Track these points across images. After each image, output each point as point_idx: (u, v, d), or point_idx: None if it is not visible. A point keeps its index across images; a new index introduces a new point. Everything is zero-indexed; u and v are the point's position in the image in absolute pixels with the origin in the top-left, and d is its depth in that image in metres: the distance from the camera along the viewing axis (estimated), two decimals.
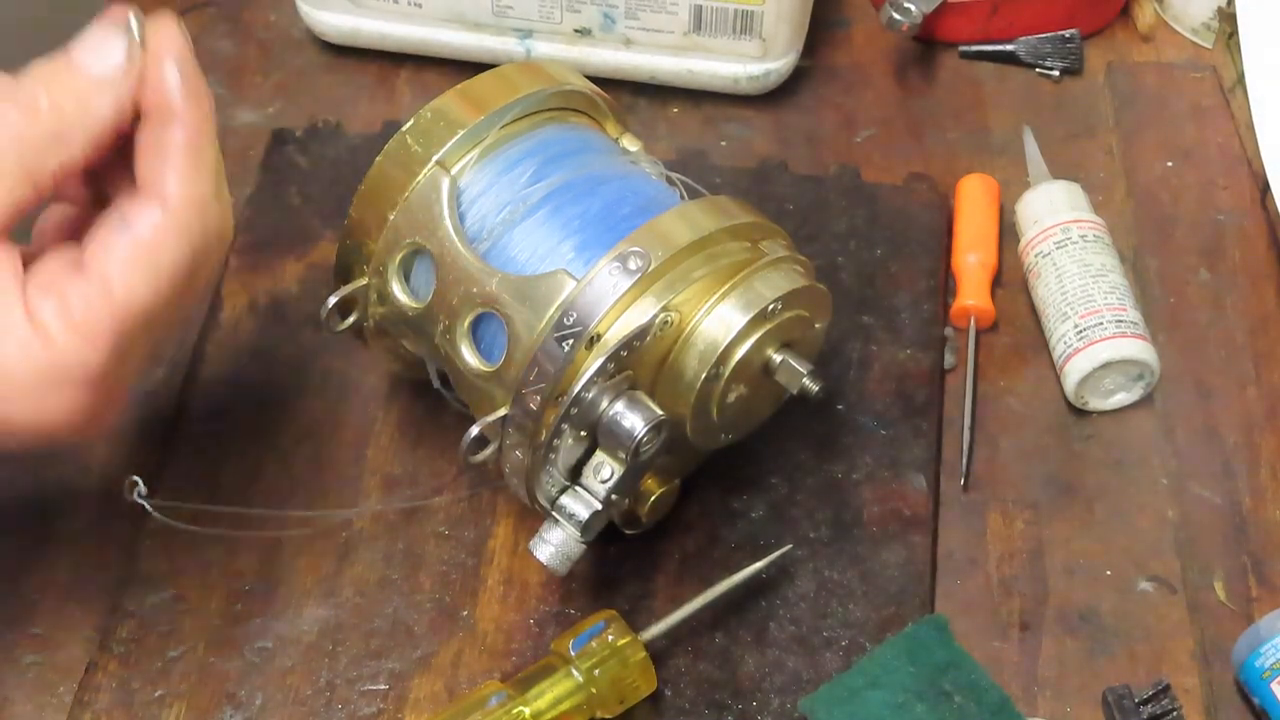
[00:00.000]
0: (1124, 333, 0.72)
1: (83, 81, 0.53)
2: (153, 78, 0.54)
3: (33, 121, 0.52)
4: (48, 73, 0.53)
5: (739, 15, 0.80)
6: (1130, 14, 0.89)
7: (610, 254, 0.58)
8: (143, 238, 0.53)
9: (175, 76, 0.54)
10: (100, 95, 0.53)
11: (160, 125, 0.54)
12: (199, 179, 0.54)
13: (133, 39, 0.54)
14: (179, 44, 0.54)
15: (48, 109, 0.52)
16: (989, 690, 0.63)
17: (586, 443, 0.60)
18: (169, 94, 0.54)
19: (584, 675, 0.61)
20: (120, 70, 0.53)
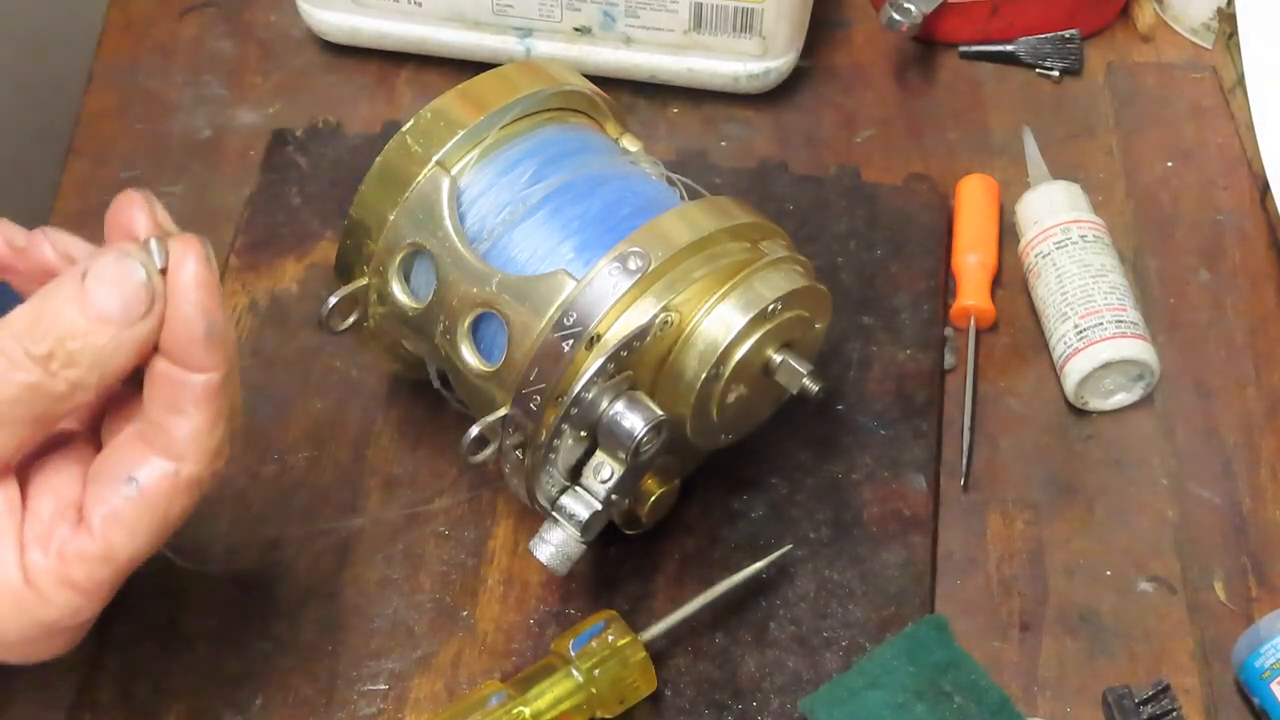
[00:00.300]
0: (1124, 333, 0.72)
1: (98, 326, 0.48)
2: (173, 319, 0.49)
3: (49, 377, 0.48)
4: (63, 320, 0.48)
5: (739, 13, 0.80)
6: (1130, 14, 0.89)
7: (610, 254, 0.58)
8: (150, 496, 0.50)
9: (199, 322, 0.49)
10: (119, 340, 0.48)
11: (177, 370, 0.49)
12: (214, 431, 0.50)
13: (153, 275, 0.48)
14: (204, 276, 0.49)
15: (63, 362, 0.48)
16: (989, 690, 0.63)
17: (586, 443, 0.60)
18: (190, 341, 0.49)
19: (584, 675, 0.61)
20: (140, 315, 0.48)
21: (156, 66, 0.87)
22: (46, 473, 0.51)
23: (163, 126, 0.84)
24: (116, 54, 0.87)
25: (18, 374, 0.47)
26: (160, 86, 0.86)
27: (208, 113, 0.85)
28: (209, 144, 0.83)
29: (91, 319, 0.48)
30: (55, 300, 0.48)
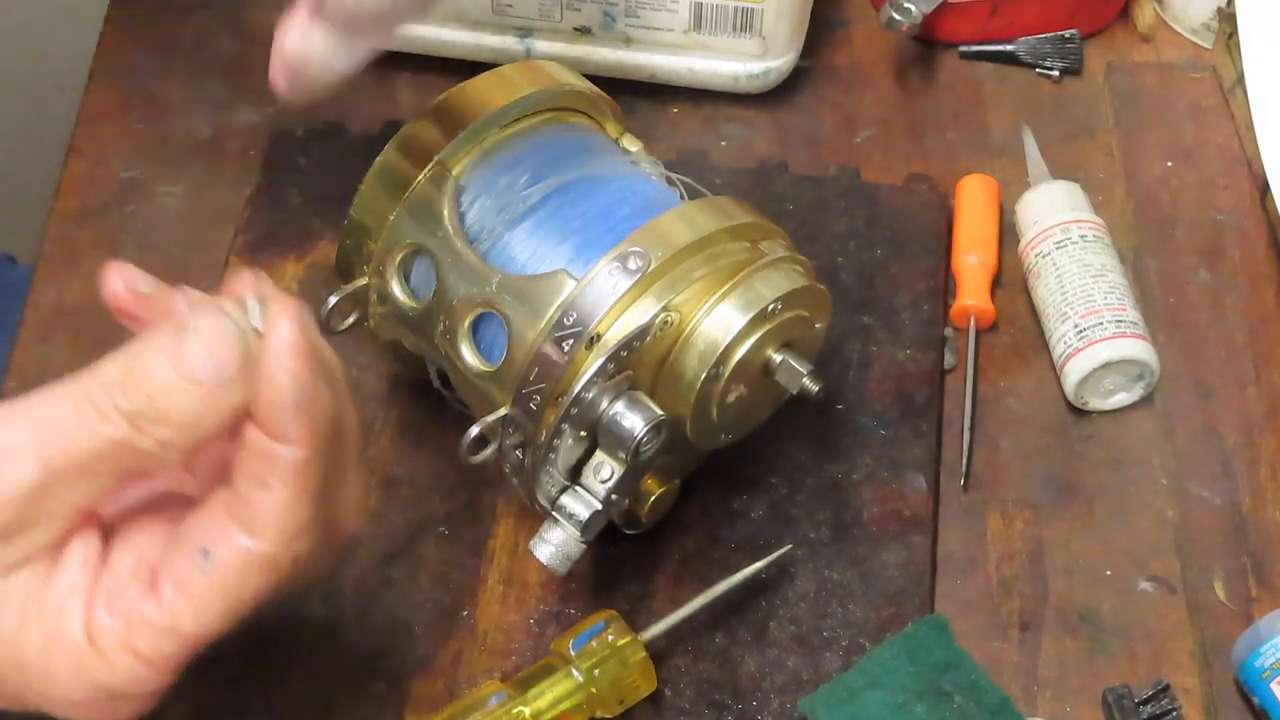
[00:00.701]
0: (1124, 333, 0.72)
1: (189, 386, 0.46)
2: (263, 384, 0.46)
3: (137, 433, 0.46)
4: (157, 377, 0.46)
5: (739, 13, 0.80)
6: (1130, 14, 0.89)
7: (610, 254, 0.58)
8: (222, 573, 0.47)
9: (287, 390, 0.46)
10: (211, 402, 0.46)
11: (266, 440, 0.47)
12: (299, 507, 0.47)
13: (248, 336, 0.47)
14: (297, 341, 0.47)
15: (153, 419, 0.46)
16: (989, 690, 0.63)
17: (586, 443, 0.60)
18: (278, 409, 0.46)
19: (584, 675, 0.61)
20: (231, 378, 0.46)
21: (156, 66, 0.87)
22: (133, 528, 0.49)
23: (163, 126, 0.84)
24: (116, 54, 0.87)
25: (105, 427, 0.46)
26: (160, 86, 0.86)
27: (208, 113, 0.85)
28: (209, 144, 0.83)
29: (184, 377, 0.46)
30: (149, 354, 0.46)
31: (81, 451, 0.46)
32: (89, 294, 0.77)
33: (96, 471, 0.46)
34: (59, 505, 0.46)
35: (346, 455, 0.50)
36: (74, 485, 0.46)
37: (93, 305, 0.76)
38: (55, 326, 0.76)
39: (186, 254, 0.79)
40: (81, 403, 0.46)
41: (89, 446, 0.46)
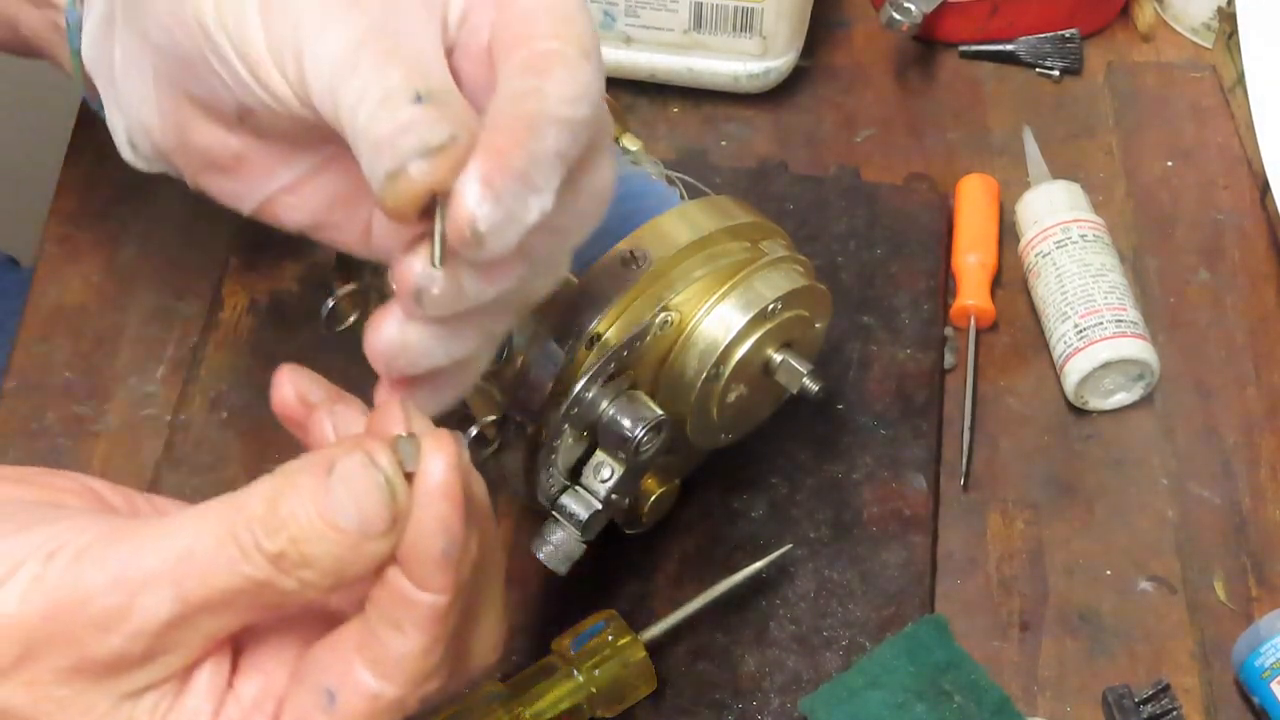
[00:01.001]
0: (1124, 332, 0.72)
1: (334, 535, 0.43)
2: (414, 533, 0.44)
3: (280, 573, 0.43)
4: (303, 522, 0.43)
5: (739, 13, 0.80)
6: (1130, 14, 0.89)
7: (610, 254, 0.58)
8: (348, 717, 0.45)
9: (438, 539, 0.44)
10: (357, 552, 0.43)
11: (405, 583, 0.44)
12: (432, 654, 0.45)
13: (398, 492, 0.44)
14: (450, 487, 0.44)
15: (296, 562, 0.43)
16: (989, 690, 0.63)
17: (586, 443, 0.60)
18: (425, 558, 0.44)
19: (584, 675, 0.61)
20: (379, 532, 0.43)
21: None
22: (263, 650, 0.47)
23: None
24: None
25: (247, 567, 0.43)
26: None
27: None
28: None
29: (329, 524, 0.43)
30: (294, 494, 0.44)
31: (222, 588, 0.43)
32: (89, 294, 0.77)
33: (236, 607, 0.44)
34: (194, 636, 0.44)
35: (487, 591, 0.48)
36: (211, 618, 0.44)
37: (93, 305, 0.77)
38: (55, 326, 0.76)
39: (186, 254, 0.79)
40: (224, 538, 0.43)
41: (229, 585, 0.43)
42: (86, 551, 0.43)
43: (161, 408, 0.73)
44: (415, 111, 0.44)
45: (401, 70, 0.45)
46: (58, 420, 0.72)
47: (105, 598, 0.43)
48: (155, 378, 0.74)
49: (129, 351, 0.75)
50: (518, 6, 0.47)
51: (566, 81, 0.46)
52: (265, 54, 0.47)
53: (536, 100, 0.45)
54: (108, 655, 0.43)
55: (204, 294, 0.77)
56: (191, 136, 0.53)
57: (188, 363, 0.74)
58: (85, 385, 0.74)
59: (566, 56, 0.46)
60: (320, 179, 0.53)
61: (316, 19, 0.46)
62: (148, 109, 0.53)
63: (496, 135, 0.44)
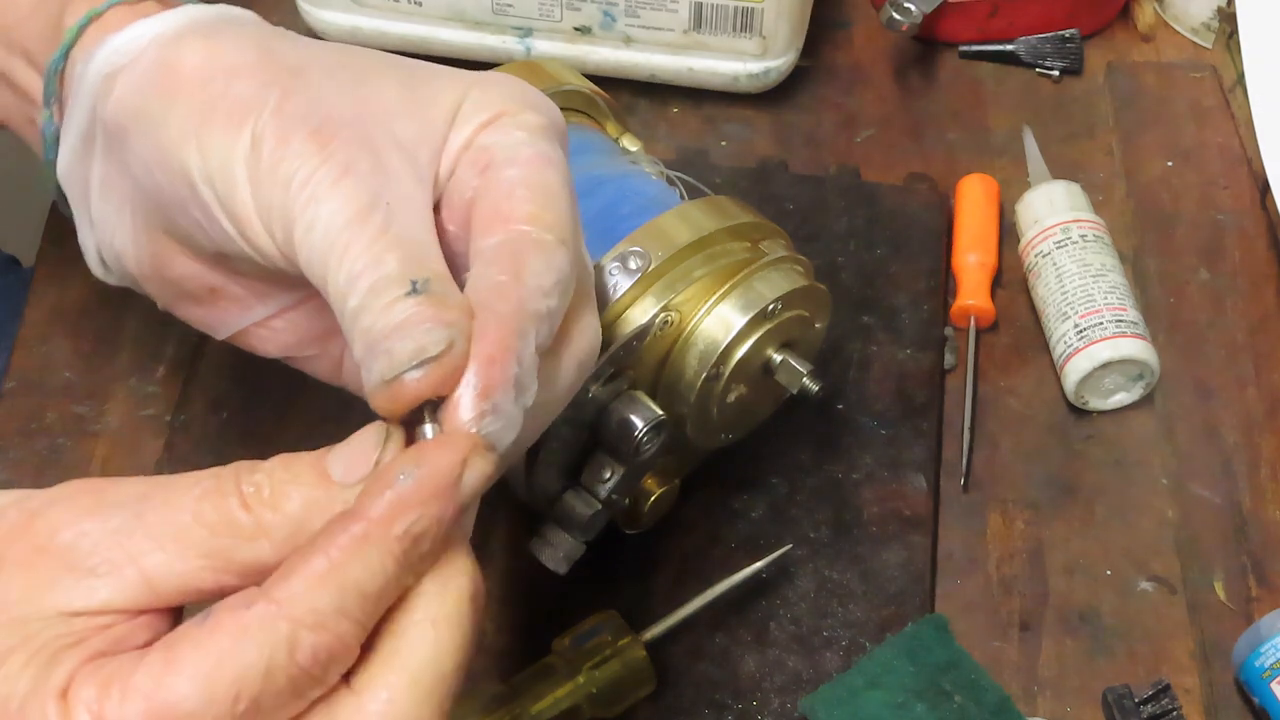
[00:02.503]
0: (1124, 333, 0.72)
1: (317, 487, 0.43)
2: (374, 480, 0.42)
3: (242, 507, 0.42)
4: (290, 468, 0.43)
5: (739, 13, 0.80)
6: (1130, 14, 0.89)
7: (610, 254, 0.59)
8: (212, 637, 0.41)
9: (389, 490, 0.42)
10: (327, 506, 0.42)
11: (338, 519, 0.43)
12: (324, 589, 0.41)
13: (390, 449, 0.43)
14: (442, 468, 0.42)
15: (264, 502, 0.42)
16: (989, 690, 0.63)
17: (586, 443, 0.60)
18: (365, 499, 0.42)
19: (584, 675, 0.61)
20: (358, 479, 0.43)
21: None
22: None
23: None
24: None
25: (213, 496, 0.42)
26: None
27: None
28: None
29: (314, 469, 0.43)
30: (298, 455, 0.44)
31: (178, 507, 0.42)
32: (89, 294, 0.77)
33: (185, 541, 0.42)
34: (133, 566, 0.42)
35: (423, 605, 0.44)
36: (157, 545, 0.42)
37: (93, 305, 0.77)
38: (55, 327, 0.76)
39: None
40: (204, 473, 0.43)
41: (187, 505, 0.42)
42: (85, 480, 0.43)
43: (161, 408, 0.73)
44: (411, 308, 0.43)
45: (397, 256, 0.44)
46: (58, 420, 0.72)
47: (74, 501, 0.43)
48: (155, 378, 0.74)
49: (129, 351, 0.75)
50: (501, 177, 0.47)
51: (543, 273, 0.45)
52: (253, 215, 0.47)
53: (516, 297, 0.45)
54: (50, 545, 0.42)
55: None
56: (166, 269, 0.53)
57: (188, 363, 0.74)
58: (85, 385, 0.74)
59: (544, 245, 0.46)
60: (295, 315, 0.53)
61: (307, 186, 0.46)
62: (122, 236, 0.53)
63: (485, 344, 0.44)
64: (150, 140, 0.49)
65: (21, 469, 0.71)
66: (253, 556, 0.42)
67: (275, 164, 0.46)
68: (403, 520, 0.41)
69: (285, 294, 0.52)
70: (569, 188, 0.48)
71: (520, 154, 0.48)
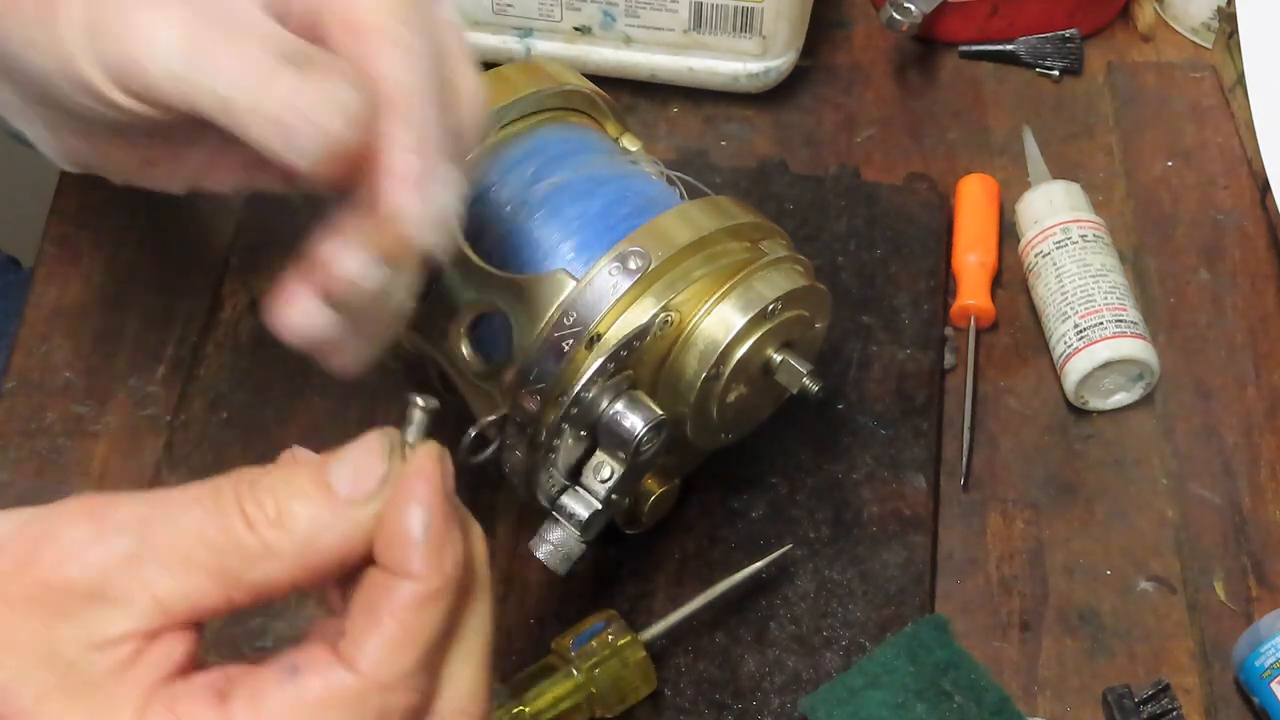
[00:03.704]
0: (1124, 333, 0.72)
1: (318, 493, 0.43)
2: (393, 521, 0.43)
3: (247, 527, 0.42)
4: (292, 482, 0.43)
5: (739, 13, 0.80)
6: (1130, 14, 0.89)
7: (610, 254, 0.58)
8: (305, 700, 0.42)
9: (419, 528, 0.43)
10: (335, 516, 0.43)
11: (386, 577, 0.43)
12: (404, 650, 0.42)
13: (394, 460, 0.44)
14: (436, 484, 0.43)
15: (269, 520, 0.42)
16: (989, 690, 0.63)
17: (586, 443, 0.60)
18: (402, 543, 0.43)
19: (584, 675, 0.61)
20: (365, 494, 0.43)
21: None
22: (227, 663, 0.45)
23: None
24: None
25: (217, 517, 0.42)
26: None
27: None
28: None
29: (317, 484, 0.43)
30: (294, 466, 0.44)
31: (183, 532, 0.42)
32: (89, 294, 0.77)
33: (194, 564, 0.42)
34: (145, 591, 0.42)
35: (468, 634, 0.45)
36: (168, 572, 0.42)
37: (93, 305, 0.77)
38: (55, 327, 0.76)
39: (186, 254, 0.79)
40: (205, 492, 0.43)
41: (191, 529, 0.42)
42: (82, 498, 0.43)
43: (161, 408, 0.73)
44: (300, 78, 0.46)
45: (256, 42, 0.46)
46: (58, 420, 0.72)
47: (74, 528, 0.42)
48: (155, 378, 0.74)
49: (129, 351, 0.75)
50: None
51: (399, 60, 0.48)
52: (99, 72, 0.48)
53: (403, 76, 0.47)
54: (56, 580, 0.41)
55: (204, 294, 0.77)
56: (94, 159, 0.54)
57: (188, 363, 0.74)
58: (85, 385, 0.74)
59: (390, 31, 0.48)
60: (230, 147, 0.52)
61: (135, 25, 0.47)
62: (49, 146, 0.55)
63: (397, 133, 0.47)
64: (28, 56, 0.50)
65: (21, 469, 0.71)
66: (262, 575, 0.42)
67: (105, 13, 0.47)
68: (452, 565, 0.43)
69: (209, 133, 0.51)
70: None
71: None
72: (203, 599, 0.42)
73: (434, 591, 0.43)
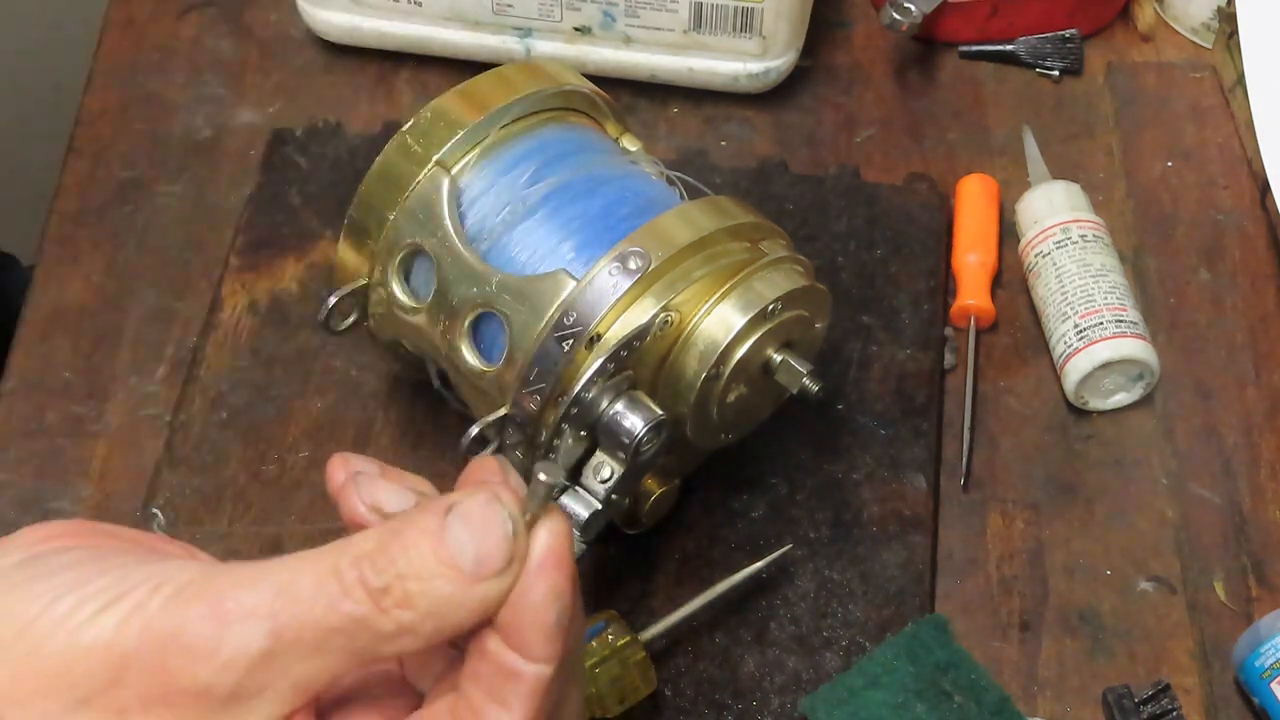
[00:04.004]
0: (1124, 333, 0.72)
1: (446, 572, 0.42)
2: (521, 594, 0.43)
3: (378, 611, 0.42)
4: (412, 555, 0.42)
5: (739, 13, 0.80)
6: (1130, 14, 0.89)
7: (610, 254, 0.58)
8: None
9: (551, 606, 0.43)
10: (465, 595, 0.42)
11: (509, 653, 0.43)
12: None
13: (519, 533, 0.43)
14: (566, 555, 0.43)
15: (398, 601, 0.42)
16: (989, 690, 0.63)
17: (586, 443, 0.60)
18: (534, 625, 0.43)
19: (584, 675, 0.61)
20: (493, 573, 0.42)
21: (156, 66, 0.87)
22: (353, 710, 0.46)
23: (163, 126, 0.84)
24: (116, 54, 0.87)
25: (345, 603, 0.42)
26: (160, 86, 0.86)
27: (208, 113, 0.85)
28: (209, 144, 0.83)
29: (442, 561, 0.42)
30: (410, 531, 0.42)
31: (316, 624, 0.42)
32: (89, 294, 0.77)
33: (328, 649, 0.42)
34: (284, 680, 0.42)
35: (575, 672, 0.46)
36: (303, 660, 0.42)
37: (93, 305, 0.77)
38: (55, 326, 0.76)
39: (186, 254, 0.79)
40: (325, 574, 0.42)
41: (324, 621, 0.42)
42: (189, 585, 0.42)
43: (161, 408, 0.73)
44: None
45: None
46: (58, 420, 0.72)
47: (199, 626, 0.41)
48: (155, 378, 0.74)
49: (129, 351, 0.75)
50: None
51: None
52: None
53: None
54: (194, 687, 0.41)
55: (204, 294, 0.77)
56: None
57: (188, 363, 0.74)
58: (85, 385, 0.74)
59: None
60: None
61: None
62: None
63: None
64: None
65: (21, 469, 0.71)
66: (393, 651, 0.42)
67: None
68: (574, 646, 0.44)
69: None
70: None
71: None
72: (337, 678, 0.43)
73: (558, 671, 0.43)
